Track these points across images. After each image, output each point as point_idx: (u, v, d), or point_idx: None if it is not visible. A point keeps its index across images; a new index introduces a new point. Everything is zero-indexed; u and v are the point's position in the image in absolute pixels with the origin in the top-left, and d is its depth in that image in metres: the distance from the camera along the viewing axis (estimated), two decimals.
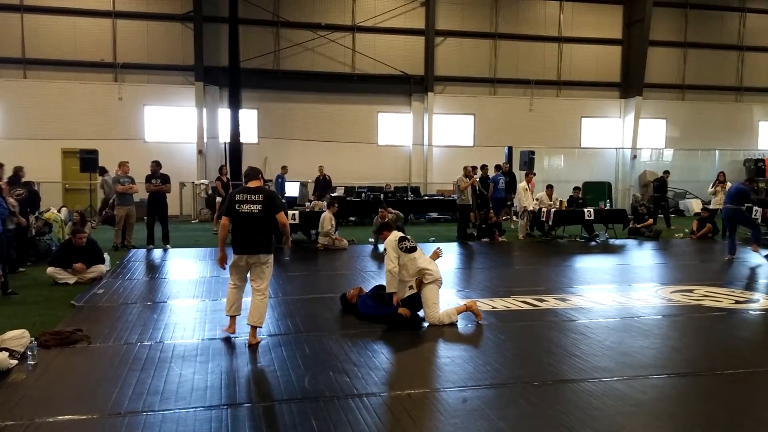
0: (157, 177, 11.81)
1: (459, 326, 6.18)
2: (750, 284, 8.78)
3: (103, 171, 16.36)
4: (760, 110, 24.47)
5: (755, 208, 11.77)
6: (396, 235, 6.32)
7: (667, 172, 17.86)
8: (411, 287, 6.22)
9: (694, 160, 23.28)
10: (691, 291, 8.00)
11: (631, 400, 4.21)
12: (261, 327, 5.56)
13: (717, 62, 23.83)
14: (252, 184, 5.64)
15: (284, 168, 17.57)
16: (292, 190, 17.70)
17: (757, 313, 6.90)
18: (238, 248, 5.51)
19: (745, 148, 24.16)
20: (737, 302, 7.38)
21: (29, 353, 4.73)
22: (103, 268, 8.76)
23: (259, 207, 5.47)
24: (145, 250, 11.46)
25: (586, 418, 3.88)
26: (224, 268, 5.75)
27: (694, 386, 4.56)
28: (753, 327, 6.34)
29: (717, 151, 23.36)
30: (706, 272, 9.74)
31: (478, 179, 14.79)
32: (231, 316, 5.69)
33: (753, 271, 9.85)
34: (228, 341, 5.56)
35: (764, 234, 11.98)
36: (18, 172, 11.33)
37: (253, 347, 5.35)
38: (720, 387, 4.54)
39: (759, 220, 11.83)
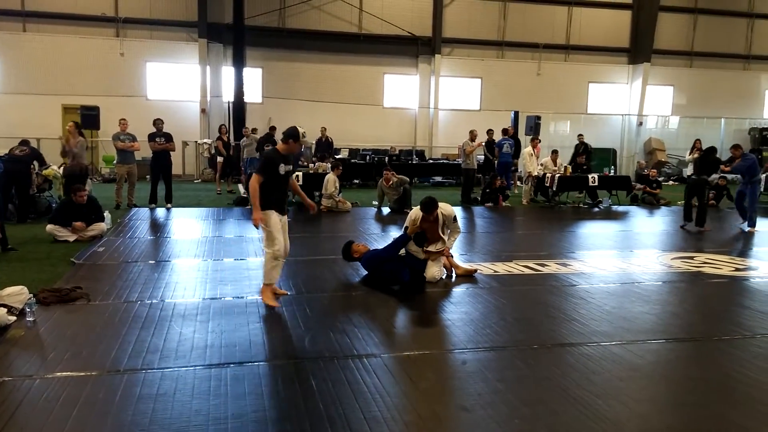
0: (161, 135, 11.70)
1: (460, 290, 6.19)
2: (750, 252, 8.75)
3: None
4: (766, 79, 24.08)
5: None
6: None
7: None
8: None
9: (700, 127, 23.02)
10: (691, 258, 7.99)
11: (629, 363, 4.22)
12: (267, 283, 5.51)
13: (726, 29, 23.35)
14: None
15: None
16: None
17: (756, 280, 6.88)
18: None
19: (750, 117, 23.86)
20: (737, 269, 7.36)
21: (28, 310, 4.74)
22: (104, 226, 8.75)
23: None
24: (146, 209, 11.45)
25: (584, 380, 3.89)
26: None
27: (692, 351, 4.57)
28: (752, 294, 6.32)
29: (723, 120, 23.07)
30: (708, 240, 9.70)
31: (483, 143, 14.64)
32: None
33: (754, 239, 9.81)
34: (229, 301, 5.57)
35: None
36: None
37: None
38: (717, 353, 4.54)
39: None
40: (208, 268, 6.86)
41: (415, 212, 6.40)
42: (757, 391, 3.82)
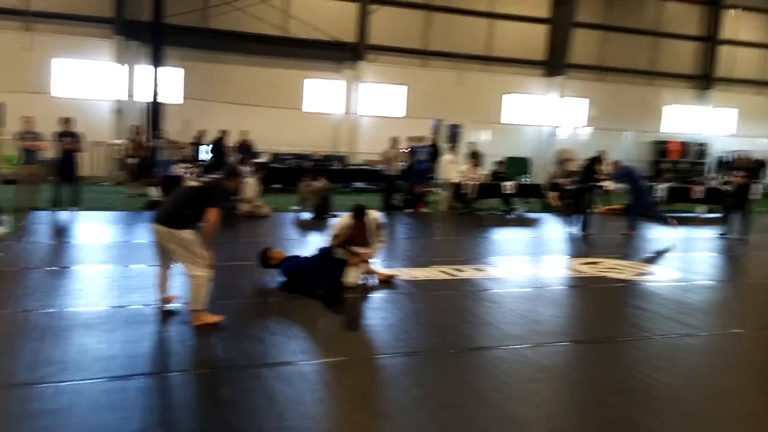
0: (68, 135, 11.08)
1: (379, 295, 6.20)
2: (651, 258, 9.31)
3: None
4: (668, 94, 25.80)
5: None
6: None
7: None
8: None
9: (609, 139, 24.27)
10: (598, 263, 8.39)
11: (539, 366, 4.37)
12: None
13: (633, 46, 24.80)
14: None
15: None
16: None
17: (655, 284, 7.32)
18: None
19: (650, 131, 25.49)
20: (639, 274, 7.80)
21: None
22: (2, 230, 8.17)
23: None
24: (50, 212, 10.78)
25: (497, 383, 3.99)
26: None
27: (596, 353, 4.79)
28: (651, 297, 6.70)
29: (628, 132, 24.46)
30: (614, 246, 10.22)
31: (406, 150, 14.80)
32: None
33: (655, 245, 10.44)
34: (137, 309, 5.32)
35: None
36: None
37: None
38: (619, 354, 4.79)
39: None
40: (115, 275, 6.53)
41: (345, 219, 6.37)
42: (656, 390, 4.04)
